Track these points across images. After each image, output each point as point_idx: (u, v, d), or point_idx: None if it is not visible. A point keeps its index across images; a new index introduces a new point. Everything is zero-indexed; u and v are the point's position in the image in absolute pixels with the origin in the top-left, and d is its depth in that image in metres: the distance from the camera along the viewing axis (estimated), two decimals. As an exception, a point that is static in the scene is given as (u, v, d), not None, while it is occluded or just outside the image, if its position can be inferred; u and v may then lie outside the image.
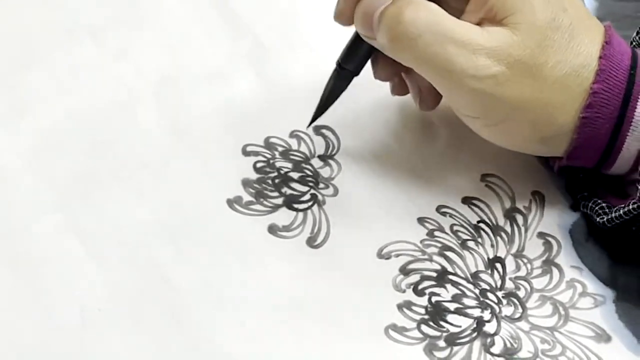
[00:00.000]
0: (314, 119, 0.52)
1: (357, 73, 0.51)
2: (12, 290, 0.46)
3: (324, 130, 0.54)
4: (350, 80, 0.51)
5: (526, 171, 0.53)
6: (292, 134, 0.54)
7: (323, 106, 0.52)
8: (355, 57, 0.50)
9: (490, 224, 0.51)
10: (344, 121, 0.54)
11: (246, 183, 0.51)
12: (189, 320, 0.46)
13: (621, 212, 0.48)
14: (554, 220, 0.51)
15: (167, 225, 0.49)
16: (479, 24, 0.47)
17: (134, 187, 0.51)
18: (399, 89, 0.53)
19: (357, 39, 0.50)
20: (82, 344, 0.44)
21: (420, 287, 0.48)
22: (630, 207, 0.47)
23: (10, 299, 0.46)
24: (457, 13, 0.48)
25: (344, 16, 0.49)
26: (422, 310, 0.47)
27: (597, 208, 0.50)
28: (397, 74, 0.52)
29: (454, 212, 0.51)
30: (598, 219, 0.49)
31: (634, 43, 0.53)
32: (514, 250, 0.50)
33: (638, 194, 0.47)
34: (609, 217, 0.49)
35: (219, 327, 0.45)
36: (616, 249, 0.50)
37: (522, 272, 0.49)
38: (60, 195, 0.50)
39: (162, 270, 0.47)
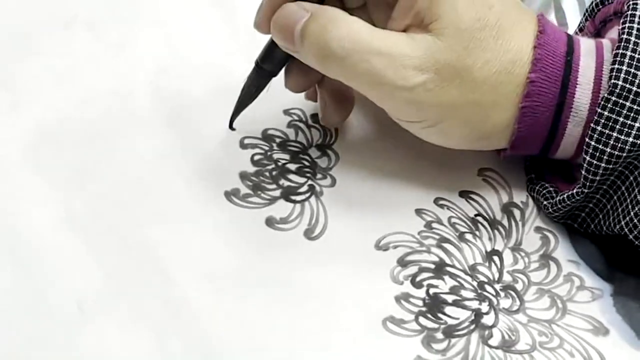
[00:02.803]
0: (232, 118, 0.52)
1: (275, 74, 0.51)
2: (10, 283, 0.45)
3: (322, 119, 0.54)
4: (268, 80, 0.51)
5: (523, 165, 0.53)
6: (290, 124, 0.54)
7: (241, 105, 0.52)
8: (273, 58, 0.50)
9: (488, 218, 0.51)
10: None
11: (244, 176, 0.51)
12: (186, 312, 0.45)
13: (565, 196, 0.48)
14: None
15: (165, 217, 0.49)
16: (405, 30, 0.47)
17: (131, 180, 0.50)
18: (313, 96, 0.54)
19: (274, 42, 0.49)
20: (80, 336, 0.44)
21: (418, 279, 0.48)
22: (574, 191, 0.48)
23: (8, 291, 0.45)
24: (383, 20, 0.48)
25: (262, 27, 0.49)
26: (420, 302, 0.47)
27: (544, 192, 0.50)
28: (310, 85, 0.52)
29: (451, 205, 0.51)
30: (545, 203, 0.50)
31: (580, 25, 0.54)
32: (511, 244, 0.50)
33: (582, 180, 0.47)
34: (554, 200, 0.49)
35: (216, 319, 0.45)
36: (613, 243, 0.50)
37: (520, 266, 0.49)
38: (58, 187, 0.50)
39: (160, 262, 0.47)
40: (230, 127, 0.52)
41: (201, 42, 0.58)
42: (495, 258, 0.49)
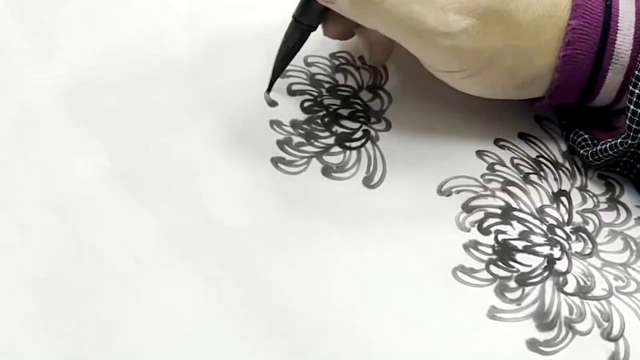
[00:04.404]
0: (274, 78, 0.50)
1: (314, 27, 0.49)
2: (59, 236, 0.43)
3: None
4: (308, 34, 0.49)
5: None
6: (338, 69, 0.52)
7: (281, 62, 0.50)
8: (310, 11, 0.48)
9: (551, 159, 0.49)
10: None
11: (295, 124, 0.49)
12: (245, 265, 0.43)
13: (607, 146, 0.47)
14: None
15: (214, 166, 0.47)
16: None
17: (173, 128, 0.48)
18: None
19: None
20: (136, 287, 0.42)
21: (485, 225, 0.46)
22: (618, 141, 0.46)
23: (58, 244, 0.43)
24: None
25: None
26: (490, 250, 0.45)
27: (579, 140, 0.48)
28: (349, 32, 0.50)
29: (512, 146, 0.49)
30: (582, 152, 0.48)
31: None
32: (577, 185, 0.48)
33: (626, 129, 0.45)
34: (593, 150, 0.47)
35: (277, 270, 0.43)
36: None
37: (589, 205, 0.47)
38: (99, 135, 0.48)
39: (215, 214, 0.45)
40: (269, 90, 0.50)
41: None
42: (563, 199, 0.47)
